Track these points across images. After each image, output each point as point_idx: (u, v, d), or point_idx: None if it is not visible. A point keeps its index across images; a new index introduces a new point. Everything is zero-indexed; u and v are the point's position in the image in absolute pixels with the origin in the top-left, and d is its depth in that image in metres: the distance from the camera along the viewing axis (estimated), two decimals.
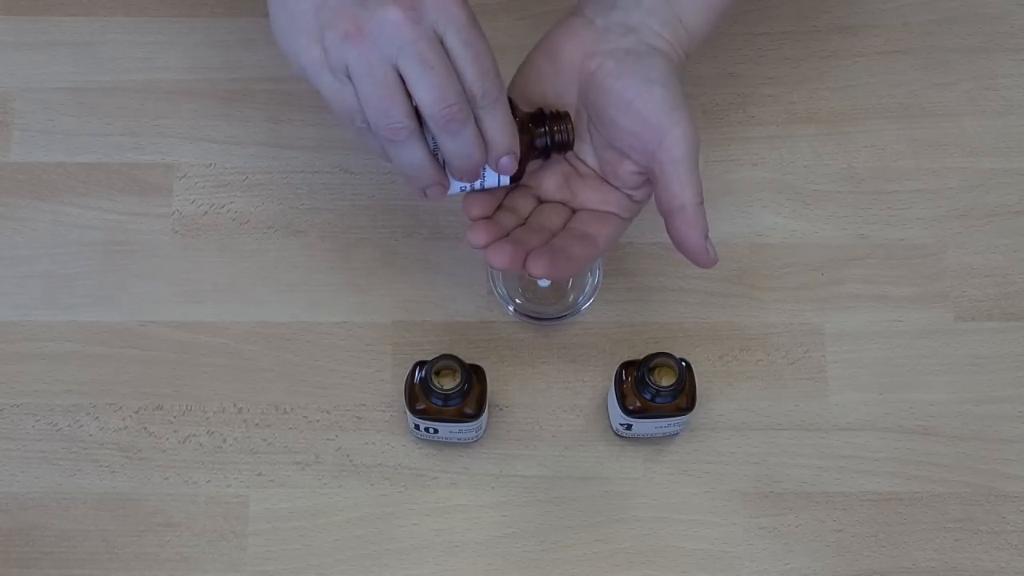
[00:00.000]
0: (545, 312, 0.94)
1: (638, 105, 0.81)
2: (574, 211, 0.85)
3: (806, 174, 0.99)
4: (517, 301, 0.94)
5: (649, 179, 0.83)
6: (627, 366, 0.88)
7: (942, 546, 0.91)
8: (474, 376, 0.87)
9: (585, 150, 0.85)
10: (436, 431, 0.89)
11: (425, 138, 0.79)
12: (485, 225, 0.83)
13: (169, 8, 1.02)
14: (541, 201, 0.86)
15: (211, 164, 0.98)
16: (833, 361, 0.94)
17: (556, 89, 0.84)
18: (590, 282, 0.95)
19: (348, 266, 0.96)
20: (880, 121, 1.00)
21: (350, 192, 0.98)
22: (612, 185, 0.85)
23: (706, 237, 0.82)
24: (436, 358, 0.86)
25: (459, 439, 0.91)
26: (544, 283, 0.94)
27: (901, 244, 0.97)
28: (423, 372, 0.86)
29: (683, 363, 0.86)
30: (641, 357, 0.87)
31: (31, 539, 0.90)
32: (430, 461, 0.92)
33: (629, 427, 0.90)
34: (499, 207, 0.85)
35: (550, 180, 0.86)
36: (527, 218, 0.85)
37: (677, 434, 0.92)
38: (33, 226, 0.97)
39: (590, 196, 0.85)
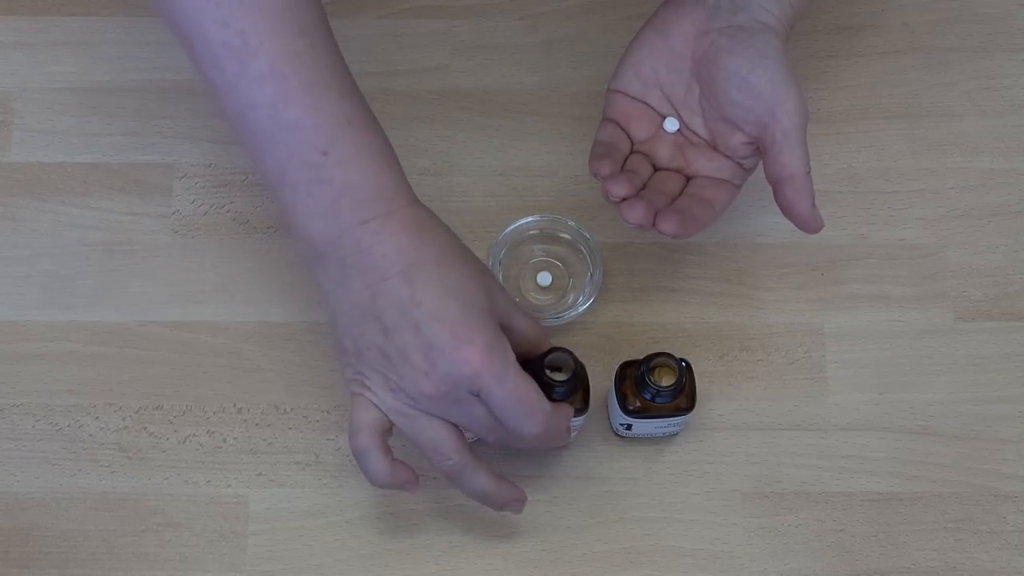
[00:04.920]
0: (545, 312, 0.94)
1: (752, 80, 0.84)
2: (688, 178, 0.88)
3: None
4: (517, 301, 0.94)
5: (758, 149, 0.86)
6: (627, 366, 0.88)
7: (942, 546, 0.91)
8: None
9: (696, 122, 0.88)
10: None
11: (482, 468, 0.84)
12: (624, 177, 0.85)
13: None
14: (656, 168, 0.89)
15: (211, 164, 0.98)
16: (833, 361, 0.94)
17: (669, 64, 0.87)
18: (590, 282, 0.95)
19: None
20: (880, 121, 1.00)
21: None
22: (723, 154, 0.87)
23: (814, 204, 0.85)
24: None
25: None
26: (544, 282, 0.95)
27: (901, 244, 0.97)
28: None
29: (683, 363, 0.86)
30: (641, 357, 0.87)
31: (31, 539, 0.90)
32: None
33: (629, 427, 0.90)
34: (621, 170, 0.88)
35: (664, 149, 0.88)
36: (647, 183, 0.88)
37: (677, 434, 0.92)
38: (33, 226, 0.97)
39: (704, 164, 0.88)
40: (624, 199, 0.84)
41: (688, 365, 0.87)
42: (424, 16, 1.02)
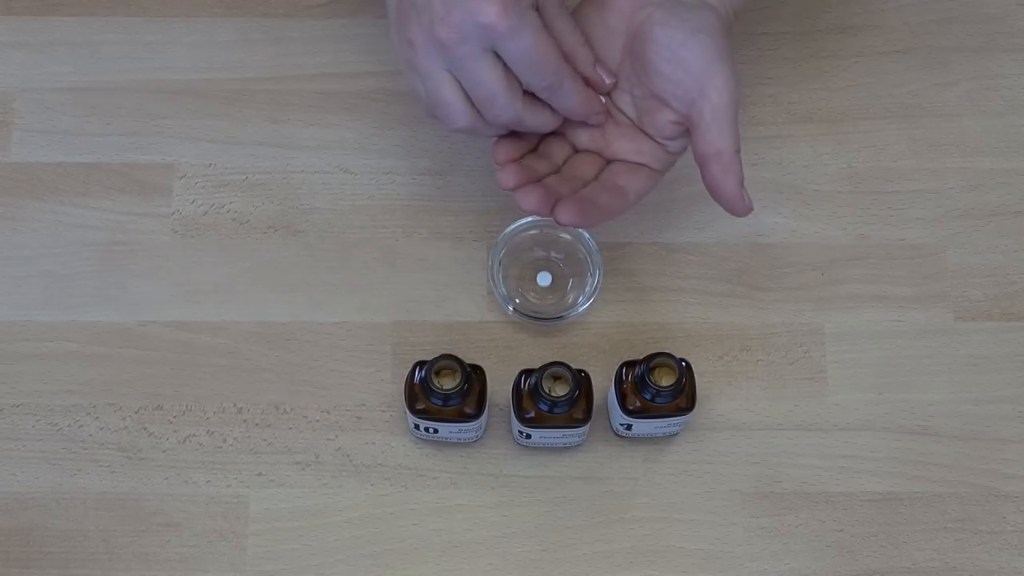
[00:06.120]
0: (545, 312, 0.94)
1: (683, 53, 0.82)
2: (608, 162, 0.86)
3: (806, 174, 0.99)
4: (517, 301, 0.94)
5: (686, 130, 0.84)
6: (627, 366, 0.88)
7: (942, 546, 0.91)
8: (474, 376, 0.87)
9: (624, 100, 0.86)
10: (436, 431, 0.89)
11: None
12: (515, 167, 0.84)
13: (169, 8, 1.02)
14: (576, 150, 0.87)
15: (211, 164, 0.98)
16: (833, 361, 0.94)
17: (601, 38, 0.85)
18: (590, 282, 0.94)
19: (348, 266, 0.96)
20: (880, 121, 1.00)
21: (350, 192, 0.98)
22: (647, 135, 0.85)
23: (741, 185, 0.83)
24: (436, 358, 0.86)
25: (459, 439, 0.91)
26: (544, 282, 0.95)
27: (901, 244, 0.97)
28: (423, 372, 0.86)
29: (683, 363, 0.86)
30: (641, 357, 0.87)
31: (31, 539, 0.90)
32: (430, 461, 0.92)
33: (629, 427, 0.90)
34: (534, 151, 0.86)
35: (584, 130, 0.86)
36: (561, 167, 0.86)
37: (677, 434, 0.92)
38: (33, 226, 0.97)
39: (624, 146, 0.86)
40: (516, 187, 0.83)
41: (688, 365, 0.87)
42: None
